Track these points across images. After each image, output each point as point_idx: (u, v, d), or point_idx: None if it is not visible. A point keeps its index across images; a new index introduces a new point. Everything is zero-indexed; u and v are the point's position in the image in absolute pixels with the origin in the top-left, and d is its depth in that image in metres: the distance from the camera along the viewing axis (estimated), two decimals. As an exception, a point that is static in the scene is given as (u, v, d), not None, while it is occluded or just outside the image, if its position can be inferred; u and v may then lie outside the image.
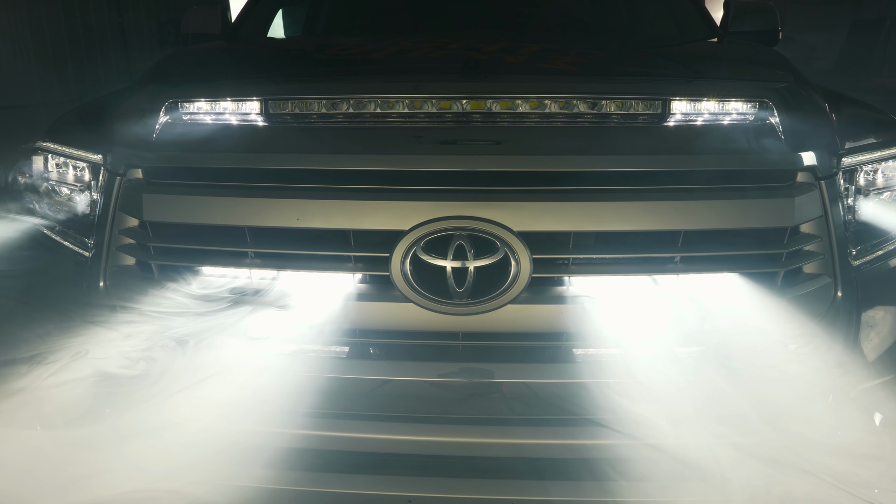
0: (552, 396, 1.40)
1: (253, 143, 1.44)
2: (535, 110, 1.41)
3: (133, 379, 1.33)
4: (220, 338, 1.39)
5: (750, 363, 1.37)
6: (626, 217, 1.34)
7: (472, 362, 1.42)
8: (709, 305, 1.40)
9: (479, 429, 1.41)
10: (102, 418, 1.32)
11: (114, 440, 1.29)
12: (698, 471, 1.35)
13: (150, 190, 1.45)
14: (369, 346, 1.45)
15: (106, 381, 1.32)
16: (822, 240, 1.45)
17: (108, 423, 1.31)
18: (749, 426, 1.35)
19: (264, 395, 1.39)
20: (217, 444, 1.38)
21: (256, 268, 1.44)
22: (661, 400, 1.37)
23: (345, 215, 1.36)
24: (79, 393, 1.32)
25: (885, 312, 1.56)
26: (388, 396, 1.42)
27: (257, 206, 1.38)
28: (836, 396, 1.41)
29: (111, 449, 1.28)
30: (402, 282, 1.35)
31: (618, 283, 1.41)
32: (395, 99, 1.43)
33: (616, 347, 1.38)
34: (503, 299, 1.35)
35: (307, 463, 1.41)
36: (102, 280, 1.52)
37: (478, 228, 1.32)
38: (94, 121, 1.69)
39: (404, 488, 1.41)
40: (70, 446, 1.30)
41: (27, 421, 1.37)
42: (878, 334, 1.53)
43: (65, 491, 1.21)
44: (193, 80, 1.62)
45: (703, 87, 1.45)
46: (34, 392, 1.32)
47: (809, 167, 1.41)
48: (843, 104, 1.79)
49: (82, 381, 1.33)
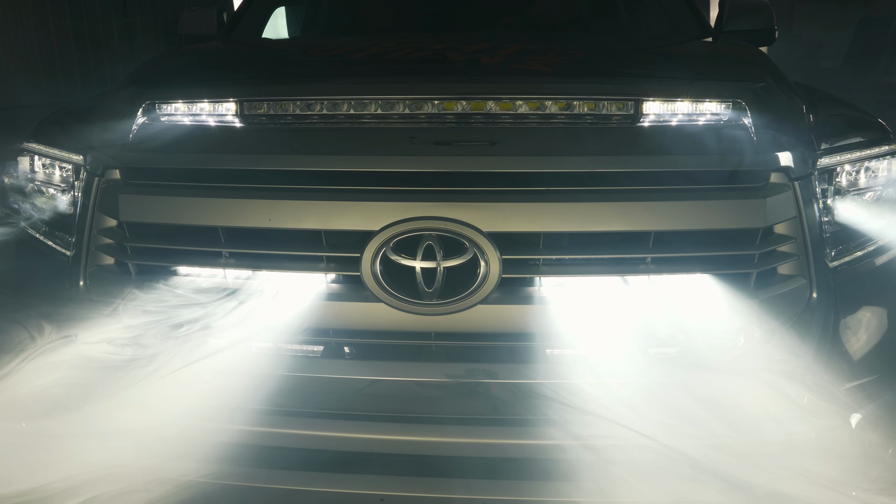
0: (523, 397, 1.40)
1: (227, 143, 1.46)
2: (507, 111, 1.42)
3: (100, 376, 1.34)
4: (194, 337, 1.41)
5: (720, 364, 1.37)
6: (596, 218, 1.34)
7: (444, 362, 1.43)
8: (680, 306, 1.40)
9: (452, 428, 1.42)
10: (71, 412, 1.34)
11: (79, 434, 1.31)
12: (669, 471, 1.35)
13: (127, 190, 1.47)
14: (341, 346, 1.46)
15: (75, 375, 1.35)
16: (796, 241, 1.44)
17: (75, 417, 1.33)
18: (718, 428, 1.35)
19: (238, 394, 1.40)
20: (190, 442, 1.40)
21: (231, 268, 1.45)
22: (631, 401, 1.37)
23: (316, 216, 1.37)
24: (48, 386, 1.34)
25: (862, 314, 1.55)
26: (360, 396, 1.43)
27: (231, 206, 1.40)
28: (809, 398, 1.40)
29: (77, 442, 1.30)
30: (373, 282, 1.36)
31: (589, 284, 1.41)
32: (365, 100, 1.43)
33: (587, 348, 1.39)
34: (473, 299, 1.35)
35: (279, 461, 1.42)
36: (83, 279, 1.54)
37: (447, 229, 1.33)
38: (78, 122, 1.71)
39: (377, 487, 1.42)
40: (35, 437, 1.32)
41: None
42: (855, 336, 1.52)
43: (25, 481, 1.24)
44: (170, 82, 1.64)
45: (675, 87, 1.44)
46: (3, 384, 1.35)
47: (783, 168, 1.41)
48: (826, 104, 1.78)
49: (52, 375, 1.35)
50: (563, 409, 1.36)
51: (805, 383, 1.41)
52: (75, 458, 1.28)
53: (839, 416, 1.45)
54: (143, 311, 1.44)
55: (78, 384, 1.37)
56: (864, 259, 1.56)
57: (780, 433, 1.36)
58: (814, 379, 1.42)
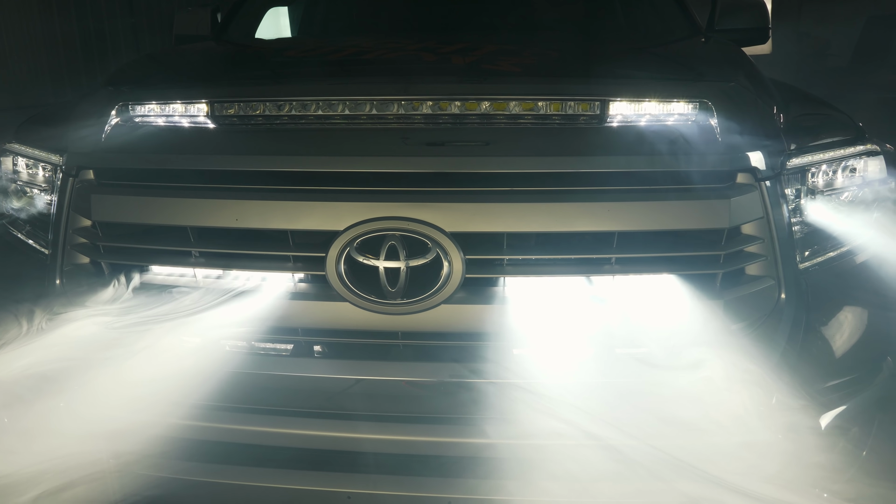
0: (489, 396, 1.41)
1: (196, 144, 1.47)
2: (472, 112, 1.42)
3: (64, 371, 1.37)
4: (162, 335, 1.43)
5: (685, 364, 1.36)
6: (559, 218, 1.35)
7: (410, 361, 1.44)
8: (644, 306, 1.39)
9: (418, 427, 1.42)
10: (37, 405, 1.37)
11: (41, 428, 1.34)
12: (632, 472, 1.35)
13: (99, 191, 1.49)
14: (308, 345, 1.47)
15: (41, 369, 1.37)
16: (764, 241, 1.43)
17: (40, 410, 1.36)
18: (681, 429, 1.34)
19: (205, 391, 1.42)
20: (156, 439, 1.42)
21: (200, 267, 1.47)
22: (595, 401, 1.37)
23: (281, 216, 1.38)
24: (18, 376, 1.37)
25: (833, 316, 1.54)
26: (326, 394, 1.44)
27: (199, 206, 1.41)
28: (774, 399, 1.39)
29: (39, 435, 1.33)
30: (337, 281, 1.37)
31: (554, 284, 1.42)
32: (332, 101, 1.44)
33: (551, 348, 1.39)
34: (436, 299, 1.36)
35: (246, 458, 1.44)
36: (59, 278, 1.56)
37: (410, 229, 1.33)
38: (57, 122, 1.73)
39: (344, 485, 1.43)
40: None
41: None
42: (826, 338, 1.52)
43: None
44: (144, 84, 1.66)
45: (641, 87, 1.44)
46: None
47: (749, 168, 1.40)
48: (801, 104, 1.77)
49: (21, 366, 1.38)
50: (526, 409, 1.36)
51: (772, 384, 1.40)
52: (34, 450, 1.31)
53: (806, 417, 1.44)
54: (114, 308, 1.46)
55: (44, 378, 1.40)
56: (835, 260, 1.55)
57: (744, 435, 1.36)
58: (781, 380, 1.41)
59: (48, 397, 1.37)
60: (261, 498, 1.45)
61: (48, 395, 1.37)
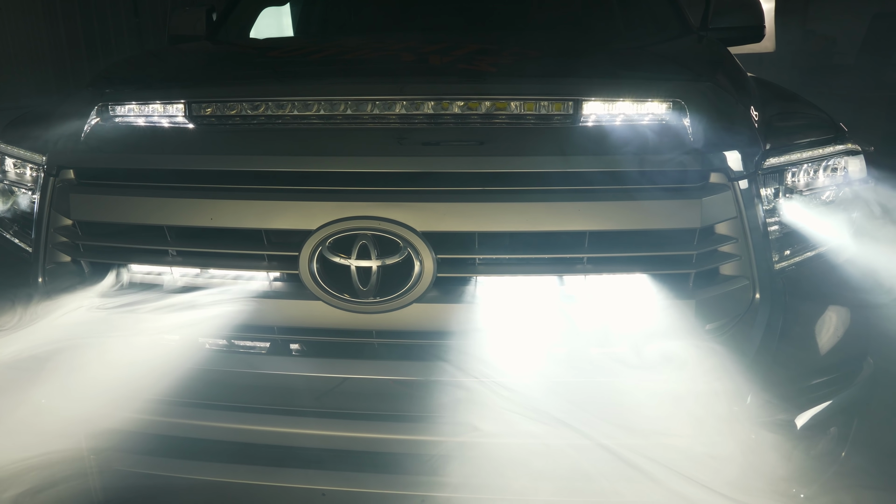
0: (461, 395, 1.41)
1: (172, 144, 1.49)
2: (445, 111, 1.43)
3: (42, 367, 1.39)
4: (141, 333, 1.45)
5: (655, 363, 1.36)
6: (531, 218, 1.35)
7: (384, 360, 1.45)
8: (616, 306, 1.40)
9: (392, 425, 1.43)
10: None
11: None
12: (604, 471, 1.36)
13: (78, 190, 1.51)
14: (283, 343, 1.49)
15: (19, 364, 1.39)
16: (738, 241, 1.43)
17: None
18: (653, 428, 1.35)
19: (182, 388, 1.44)
20: (132, 435, 1.44)
21: (178, 266, 1.48)
22: (567, 400, 1.37)
23: (255, 215, 1.39)
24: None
25: (809, 317, 1.54)
26: (302, 392, 1.46)
27: (175, 205, 1.43)
28: (747, 400, 1.39)
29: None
30: (310, 280, 1.38)
31: (526, 284, 1.42)
32: (308, 101, 1.45)
33: (522, 348, 1.39)
34: (408, 298, 1.37)
35: (222, 455, 1.45)
36: (41, 276, 1.58)
37: (381, 228, 1.34)
38: (42, 122, 1.75)
39: (319, 482, 1.45)
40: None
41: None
42: (800, 338, 1.51)
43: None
44: (124, 84, 1.68)
45: (614, 87, 1.44)
46: None
47: (722, 168, 1.40)
48: (781, 102, 1.76)
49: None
50: (498, 408, 1.37)
51: (745, 385, 1.40)
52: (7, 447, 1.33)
53: (781, 418, 1.44)
54: (92, 306, 1.48)
55: (22, 372, 1.42)
56: (813, 261, 1.54)
57: (716, 436, 1.36)
58: (754, 380, 1.41)
59: (24, 392, 1.39)
60: (237, 494, 1.46)
61: (24, 389, 1.39)
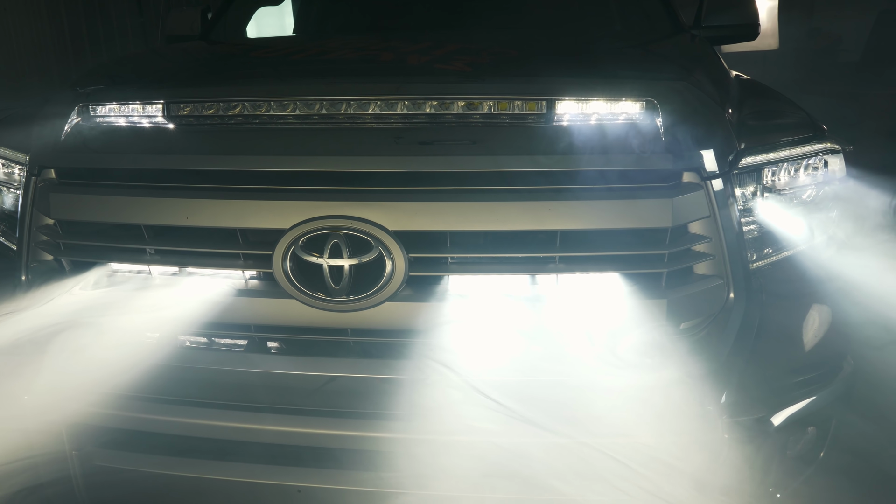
0: (433, 393, 1.42)
1: (149, 144, 1.50)
2: (419, 111, 1.43)
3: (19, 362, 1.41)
4: (118, 331, 1.46)
5: (627, 362, 1.37)
6: (503, 217, 1.35)
7: (358, 358, 1.46)
8: (589, 305, 1.40)
9: (369, 423, 1.44)
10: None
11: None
12: (575, 470, 1.36)
13: (58, 189, 1.53)
14: (259, 341, 1.50)
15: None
16: (711, 241, 1.43)
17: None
18: (624, 428, 1.35)
19: (160, 386, 1.45)
20: (110, 432, 1.46)
21: (155, 264, 1.50)
22: (541, 398, 1.38)
23: (230, 214, 1.40)
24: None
25: (784, 317, 1.54)
26: (278, 389, 1.47)
27: (151, 205, 1.44)
28: (720, 399, 1.39)
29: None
30: (284, 279, 1.39)
31: (499, 283, 1.43)
32: (283, 101, 1.46)
33: (495, 346, 1.40)
34: (379, 297, 1.38)
35: (198, 451, 1.47)
36: (24, 274, 1.60)
37: (353, 227, 1.35)
38: (27, 122, 1.77)
39: (295, 479, 1.46)
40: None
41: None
42: (775, 338, 1.51)
43: None
44: (105, 84, 1.69)
45: (588, 86, 1.44)
46: None
47: (694, 167, 1.40)
48: (760, 101, 1.76)
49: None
50: (469, 406, 1.38)
51: (719, 384, 1.40)
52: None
53: (756, 418, 1.44)
54: (71, 304, 1.50)
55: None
56: (789, 260, 1.54)
57: (688, 435, 1.36)
58: (728, 380, 1.41)
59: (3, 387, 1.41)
60: (214, 490, 1.48)
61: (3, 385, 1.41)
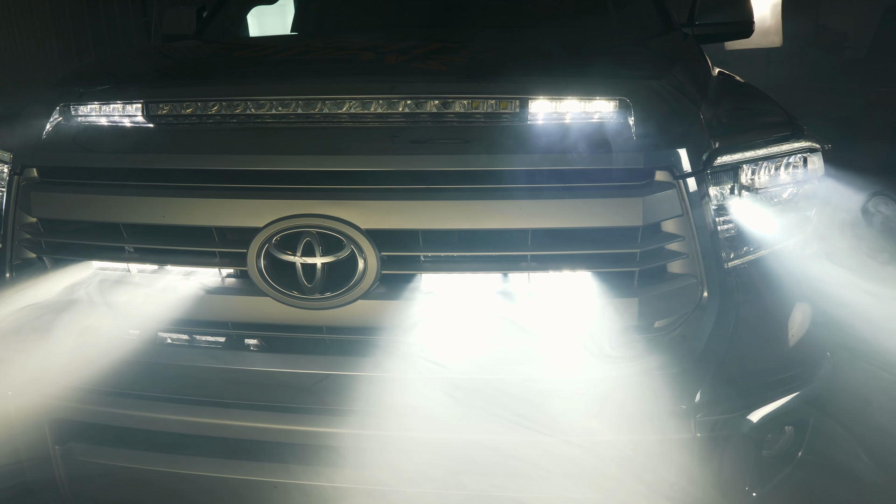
0: (407, 390, 1.43)
1: (129, 143, 1.52)
2: (393, 110, 1.44)
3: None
4: (96, 327, 1.49)
5: (599, 361, 1.37)
6: (473, 216, 1.36)
7: (332, 355, 1.47)
8: (561, 303, 1.40)
9: (344, 419, 1.45)
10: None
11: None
12: (549, 469, 1.37)
13: (39, 188, 1.55)
14: (236, 338, 1.52)
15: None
16: (684, 239, 1.43)
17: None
18: (597, 427, 1.35)
19: (136, 382, 1.47)
20: (88, 428, 1.48)
21: (134, 262, 1.52)
22: (513, 396, 1.38)
23: (205, 213, 1.42)
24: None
25: (759, 316, 1.53)
26: (255, 386, 1.48)
27: (129, 203, 1.46)
28: (692, 399, 1.39)
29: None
30: (258, 276, 1.40)
31: (471, 281, 1.43)
32: (258, 101, 1.48)
33: (467, 344, 1.41)
34: (352, 295, 1.39)
35: (175, 447, 1.48)
36: (8, 271, 1.63)
37: (325, 226, 1.36)
38: (11, 121, 1.79)
39: (270, 474, 1.47)
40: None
41: None
42: (749, 338, 1.51)
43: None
44: (88, 84, 1.71)
45: (560, 85, 1.44)
46: None
47: (667, 166, 1.40)
48: (739, 99, 1.76)
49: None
50: (443, 403, 1.39)
51: (692, 383, 1.40)
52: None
53: (728, 417, 1.44)
54: (52, 300, 1.52)
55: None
56: (766, 259, 1.54)
57: (659, 434, 1.36)
58: (702, 379, 1.41)
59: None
60: (189, 486, 1.50)
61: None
